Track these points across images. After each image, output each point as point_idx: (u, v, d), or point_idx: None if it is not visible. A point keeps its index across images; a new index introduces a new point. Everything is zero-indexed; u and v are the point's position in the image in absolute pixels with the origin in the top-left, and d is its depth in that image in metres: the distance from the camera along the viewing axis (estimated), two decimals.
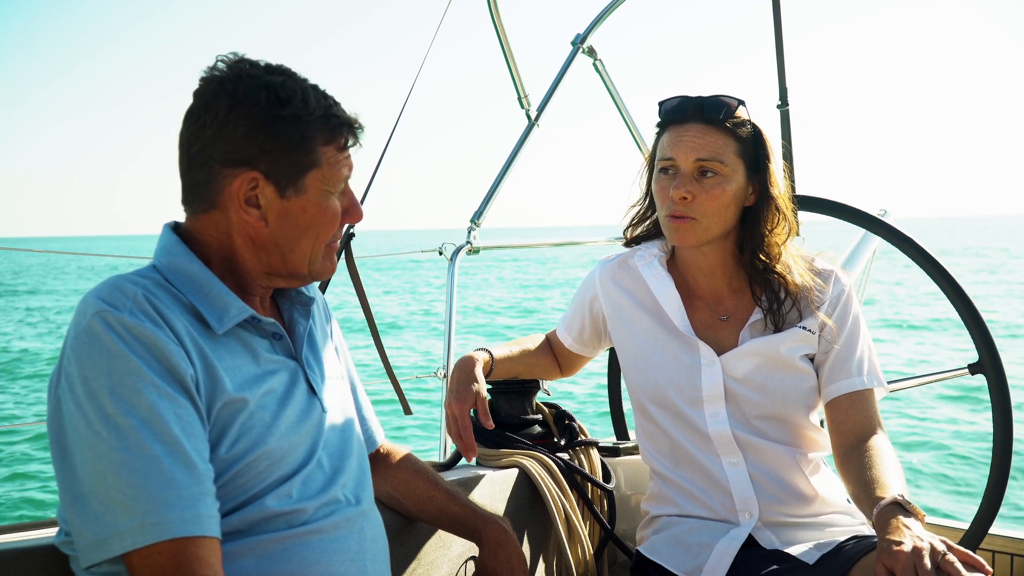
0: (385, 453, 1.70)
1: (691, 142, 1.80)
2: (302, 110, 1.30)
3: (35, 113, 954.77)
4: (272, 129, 1.29)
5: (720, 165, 1.79)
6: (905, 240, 2.30)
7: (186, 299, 1.30)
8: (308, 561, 1.30)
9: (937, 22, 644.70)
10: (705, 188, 1.79)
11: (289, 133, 1.30)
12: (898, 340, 17.17)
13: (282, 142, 1.30)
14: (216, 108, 1.29)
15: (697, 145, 1.79)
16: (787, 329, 1.84)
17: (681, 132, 1.82)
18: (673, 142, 1.82)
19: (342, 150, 1.36)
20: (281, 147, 1.30)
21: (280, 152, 1.30)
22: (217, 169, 1.30)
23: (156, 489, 1.15)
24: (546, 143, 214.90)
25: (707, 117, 1.80)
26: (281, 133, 1.29)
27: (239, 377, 1.30)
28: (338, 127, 1.34)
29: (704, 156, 1.79)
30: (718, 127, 1.80)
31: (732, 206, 1.82)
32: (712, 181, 1.79)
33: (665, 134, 1.85)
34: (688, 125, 1.81)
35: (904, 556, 1.41)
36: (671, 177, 1.82)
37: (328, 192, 1.35)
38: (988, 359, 2.20)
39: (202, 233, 1.35)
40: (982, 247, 54.25)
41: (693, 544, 1.83)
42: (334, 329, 1.60)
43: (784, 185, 1.88)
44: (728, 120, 1.80)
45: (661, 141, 1.86)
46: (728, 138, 1.81)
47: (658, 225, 1.95)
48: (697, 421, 1.85)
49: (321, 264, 1.40)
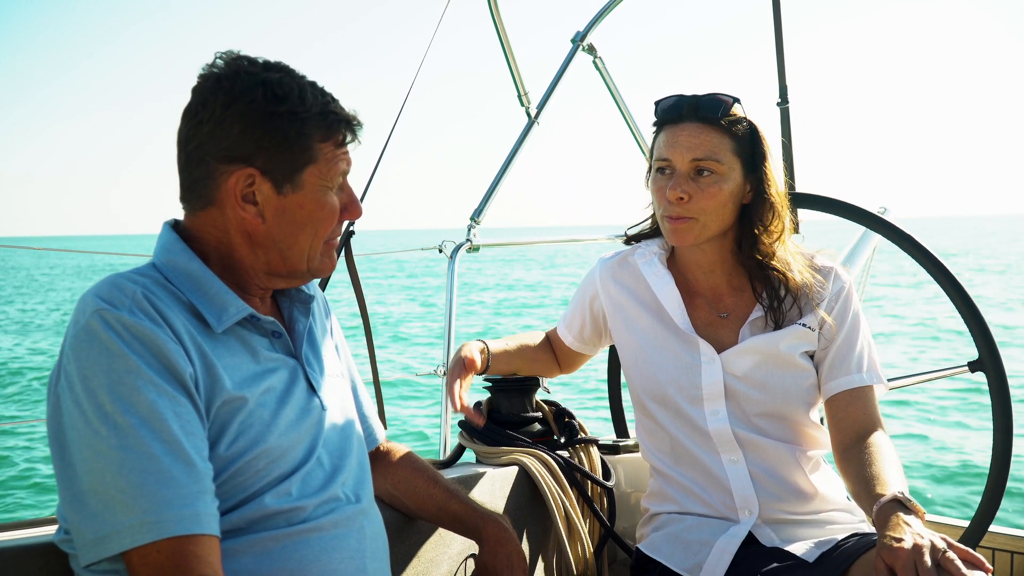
0: (385, 451, 1.70)
1: (686, 142, 1.80)
2: (299, 106, 1.30)
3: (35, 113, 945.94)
4: (268, 125, 1.29)
5: (716, 164, 1.79)
6: (905, 238, 2.30)
7: (185, 297, 1.30)
8: (308, 559, 1.30)
9: (938, 21, 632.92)
10: (702, 187, 1.79)
11: (285, 129, 1.30)
12: (897, 338, 17.18)
13: (278, 138, 1.29)
14: (213, 105, 1.29)
15: (692, 144, 1.79)
16: (787, 326, 1.84)
17: (676, 132, 1.81)
18: (669, 142, 1.82)
19: (340, 146, 1.36)
20: (277, 143, 1.30)
21: (276, 148, 1.30)
22: (214, 166, 1.30)
23: (155, 487, 1.15)
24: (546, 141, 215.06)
25: (702, 116, 1.80)
26: (277, 129, 1.29)
27: (238, 375, 1.30)
28: (335, 123, 1.34)
29: (700, 155, 1.79)
30: (714, 126, 1.80)
31: (729, 204, 1.82)
32: (708, 180, 1.79)
33: (661, 134, 1.86)
34: (683, 124, 1.81)
35: (904, 553, 1.41)
36: (667, 177, 1.82)
37: (326, 188, 1.35)
38: (988, 357, 2.20)
39: (201, 231, 1.35)
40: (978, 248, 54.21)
41: (693, 541, 1.83)
42: (334, 326, 1.60)
43: (782, 182, 1.88)
44: (724, 118, 1.80)
45: (657, 141, 1.87)
46: (724, 136, 1.80)
47: (656, 224, 1.96)
48: (697, 419, 1.85)
49: (320, 261, 1.39)
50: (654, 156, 1.86)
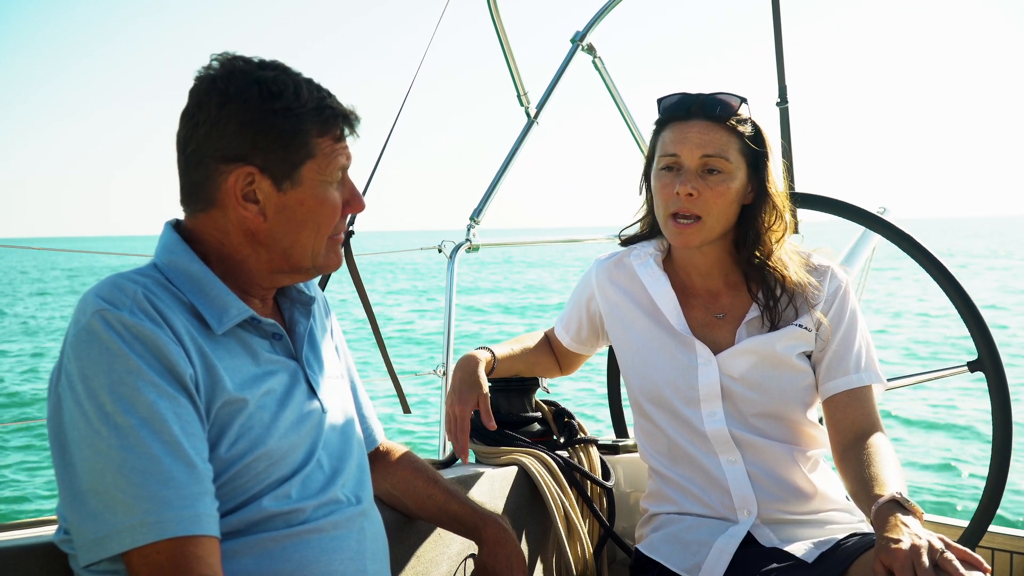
0: (384, 451, 1.70)
1: (696, 138, 1.78)
2: (294, 102, 1.30)
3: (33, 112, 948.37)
4: (264, 123, 1.29)
5: (724, 162, 1.78)
6: (904, 238, 2.30)
7: (186, 298, 1.30)
8: (307, 560, 1.30)
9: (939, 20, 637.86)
10: (710, 185, 1.77)
11: (282, 126, 1.30)
12: (897, 338, 17.17)
13: (275, 135, 1.29)
14: (208, 106, 1.29)
15: (703, 141, 1.78)
16: (784, 327, 1.83)
17: (685, 128, 1.80)
18: (677, 138, 1.80)
19: (338, 141, 1.35)
20: (274, 140, 1.30)
21: (274, 145, 1.30)
22: (213, 167, 1.30)
23: (155, 488, 1.15)
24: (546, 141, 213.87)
25: (711, 114, 1.79)
26: (274, 126, 1.29)
27: (239, 377, 1.30)
28: (332, 118, 1.34)
29: (710, 152, 1.77)
30: (721, 125, 1.79)
31: (735, 204, 1.81)
32: (717, 178, 1.78)
33: (666, 131, 1.83)
34: (692, 122, 1.79)
35: (902, 554, 1.41)
36: (675, 174, 1.80)
37: (326, 183, 1.35)
38: (988, 357, 2.20)
39: (202, 233, 1.35)
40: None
41: (692, 542, 1.83)
42: (334, 327, 1.60)
43: (782, 183, 1.87)
44: (731, 118, 1.79)
45: (662, 138, 1.84)
46: (731, 136, 1.79)
47: (653, 226, 1.94)
48: (694, 420, 1.85)
49: (325, 257, 1.39)
50: (658, 152, 1.84)
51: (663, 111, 1.86)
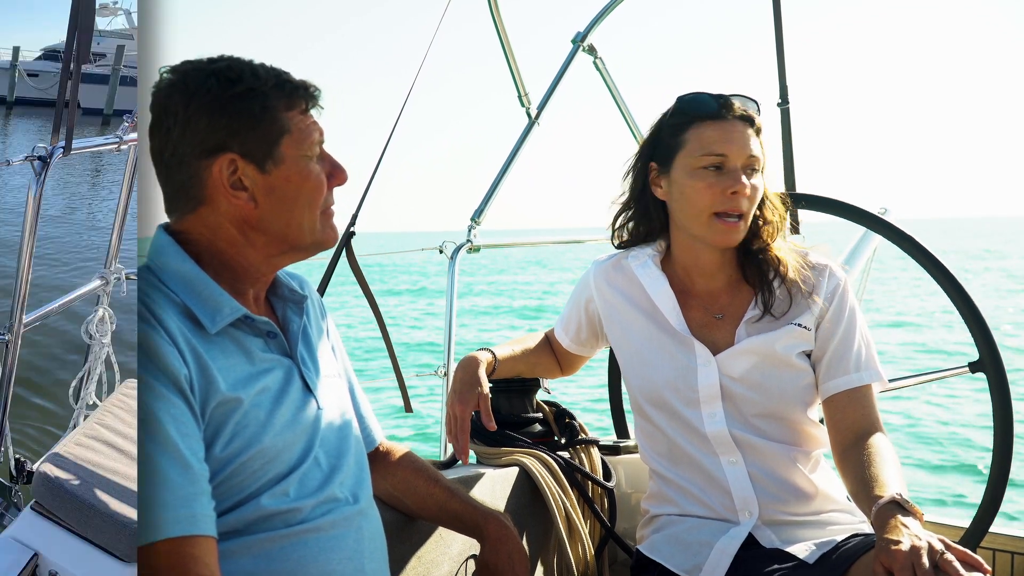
0: (384, 451, 1.70)
1: (740, 139, 1.79)
2: (255, 82, 1.31)
3: None
4: (233, 108, 1.30)
5: (760, 162, 1.82)
6: (905, 238, 2.30)
7: (179, 299, 1.30)
8: (305, 560, 1.30)
9: (939, 19, 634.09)
10: (753, 184, 1.80)
11: (250, 107, 1.30)
12: (896, 338, 17.17)
13: (246, 117, 1.30)
14: (174, 108, 1.29)
15: (746, 142, 1.80)
16: (783, 326, 1.83)
17: (729, 129, 1.79)
18: (723, 138, 1.79)
19: (304, 113, 1.36)
20: (246, 122, 1.30)
21: (247, 128, 1.30)
22: (195, 164, 1.31)
23: None
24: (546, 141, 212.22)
25: (741, 116, 1.81)
26: (242, 109, 1.30)
27: (233, 376, 1.30)
28: (293, 91, 1.35)
29: (753, 152, 1.80)
30: (751, 126, 1.82)
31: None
32: (757, 179, 1.81)
33: (704, 129, 1.80)
34: (733, 122, 1.80)
35: (902, 555, 1.40)
36: (723, 173, 1.78)
37: (305, 157, 1.35)
38: (988, 357, 2.20)
39: (192, 233, 1.35)
40: None
41: (693, 543, 1.83)
42: (330, 327, 1.60)
43: (779, 182, 1.89)
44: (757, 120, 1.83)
45: (698, 137, 1.80)
46: (757, 137, 1.83)
47: (648, 232, 1.94)
48: (694, 421, 1.84)
49: (323, 232, 1.39)
50: (696, 152, 1.80)
51: (692, 108, 1.83)
